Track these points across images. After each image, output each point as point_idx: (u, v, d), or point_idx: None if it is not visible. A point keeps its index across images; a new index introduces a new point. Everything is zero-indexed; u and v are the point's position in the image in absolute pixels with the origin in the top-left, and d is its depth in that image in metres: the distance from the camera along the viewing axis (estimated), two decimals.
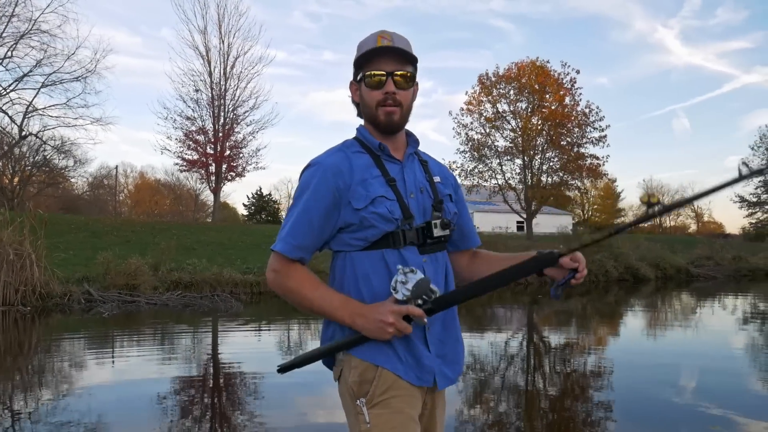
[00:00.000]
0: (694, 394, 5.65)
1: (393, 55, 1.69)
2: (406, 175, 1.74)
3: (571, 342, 9.09)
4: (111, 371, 6.80)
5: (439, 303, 1.60)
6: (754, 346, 8.82)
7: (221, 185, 33.17)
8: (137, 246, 18.01)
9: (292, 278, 1.65)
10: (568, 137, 33.91)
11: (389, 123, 1.71)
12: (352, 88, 1.80)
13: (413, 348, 1.64)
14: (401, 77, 1.70)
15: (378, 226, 1.63)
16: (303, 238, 1.64)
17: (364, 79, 1.71)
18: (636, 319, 12.42)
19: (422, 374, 1.65)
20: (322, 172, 1.65)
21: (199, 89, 31.95)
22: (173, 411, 5.06)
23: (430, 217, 1.71)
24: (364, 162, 1.70)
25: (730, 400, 5.31)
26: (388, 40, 1.70)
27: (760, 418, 4.74)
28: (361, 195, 1.64)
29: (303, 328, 10.49)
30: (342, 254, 1.71)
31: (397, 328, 1.55)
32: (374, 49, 1.67)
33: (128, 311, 11.83)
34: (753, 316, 12.76)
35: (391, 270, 1.63)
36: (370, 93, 1.71)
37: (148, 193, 59.01)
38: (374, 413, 1.60)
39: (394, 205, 1.65)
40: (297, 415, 4.95)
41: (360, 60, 1.71)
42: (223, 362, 7.45)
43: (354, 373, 1.64)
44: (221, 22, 32.28)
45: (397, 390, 1.61)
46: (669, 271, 23.36)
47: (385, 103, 1.69)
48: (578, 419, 4.88)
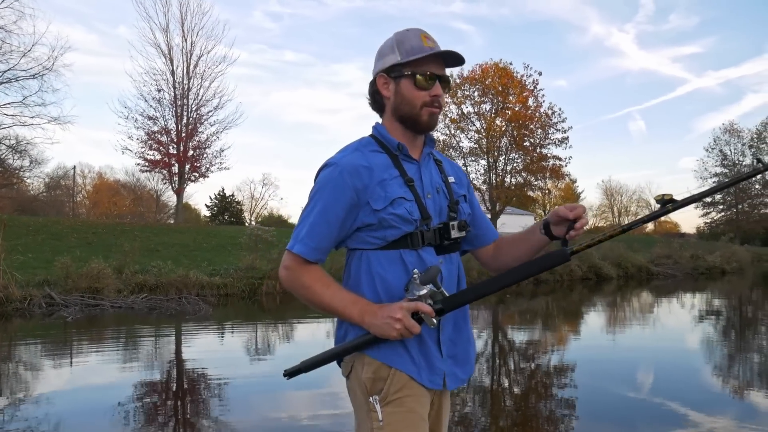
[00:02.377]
0: (652, 390, 5.83)
1: (438, 58, 1.72)
2: (423, 176, 1.74)
3: (535, 340, 9.27)
4: (70, 377, 6.65)
5: (449, 303, 1.60)
6: (710, 342, 9.12)
7: (184, 186, 32.67)
8: (99, 248, 17.61)
9: (305, 276, 1.65)
10: (531, 138, 34.42)
11: (431, 124, 1.73)
12: (381, 81, 1.76)
13: (426, 350, 1.66)
14: (446, 83, 1.75)
15: (398, 227, 1.64)
16: (321, 240, 1.65)
17: (413, 77, 1.69)
18: (598, 317, 12.72)
19: (433, 377, 1.66)
20: (339, 172, 1.63)
21: (162, 88, 31.47)
22: (135, 417, 4.96)
23: (446, 217, 1.72)
24: (382, 161, 1.69)
25: (686, 395, 5.50)
26: (432, 41, 1.72)
27: (713, 413, 4.92)
28: (380, 196, 1.63)
29: (271, 330, 10.43)
30: (359, 252, 1.70)
31: (405, 325, 1.53)
32: (438, 53, 1.69)
33: (92, 315, 11.57)
34: (708, 313, 13.18)
35: (408, 270, 1.63)
36: (416, 92, 1.70)
37: (107, 194, 57.62)
38: (388, 411, 1.60)
39: (413, 206, 1.65)
40: (261, 419, 4.89)
41: (410, 58, 1.69)
42: (189, 366, 7.36)
43: (368, 370, 1.64)
44: (184, 20, 31.84)
45: (410, 389, 1.63)
46: (630, 269, 23.95)
47: (432, 104, 1.70)
48: (542, 416, 5.00)
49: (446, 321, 1.70)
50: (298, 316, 12.24)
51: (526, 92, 34.21)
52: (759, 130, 59.86)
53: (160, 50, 31.55)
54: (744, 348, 8.60)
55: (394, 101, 1.73)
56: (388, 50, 1.73)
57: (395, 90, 1.73)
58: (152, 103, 31.31)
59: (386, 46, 1.75)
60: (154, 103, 31.33)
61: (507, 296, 16.21)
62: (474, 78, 34.64)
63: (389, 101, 1.75)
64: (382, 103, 1.78)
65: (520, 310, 13.93)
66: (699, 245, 32.73)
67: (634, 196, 71.99)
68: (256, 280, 15.59)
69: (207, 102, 32.40)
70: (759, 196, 61.19)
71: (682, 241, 33.91)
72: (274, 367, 7.21)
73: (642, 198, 71.39)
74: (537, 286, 19.64)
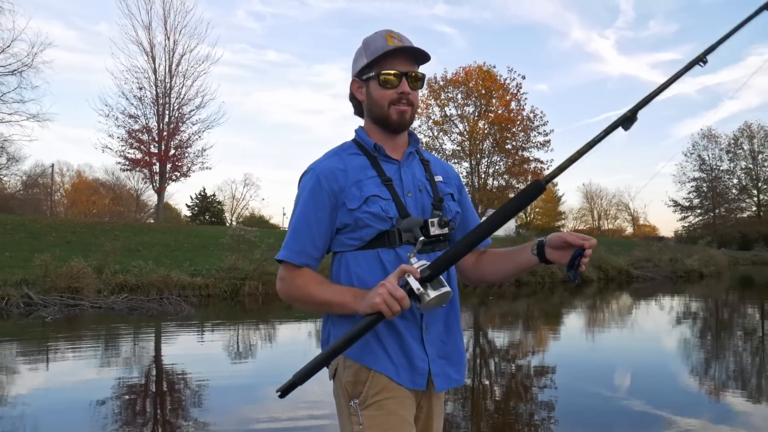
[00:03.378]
0: (630, 392, 5.92)
1: (406, 56, 1.71)
2: (404, 174, 1.73)
3: (516, 342, 9.34)
4: (47, 377, 6.59)
5: (436, 265, 1.52)
6: (687, 344, 9.28)
7: (165, 185, 32.37)
8: (78, 247, 17.41)
9: (298, 279, 1.66)
10: (513, 141, 34.68)
11: (401, 122, 1.72)
12: (355, 85, 1.78)
13: (407, 348, 1.62)
14: (414, 78, 1.72)
15: (373, 225, 1.63)
16: (304, 244, 1.65)
17: (378, 77, 1.69)
18: (579, 319, 12.86)
19: (415, 377, 1.63)
20: (317, 177, 1.66)
21: (143, 86, 31.11)
22: (112, 418, 4.90)
23: (430, 215, 1.70)
24: (359, 163, 1.70)
25: (663, 397, 5.59)
26: (398, 39, 1.70)
27: (690, 414, 5.02)
28: (355, 195, 1.64)
29: (253, 331, 10.40)
30: (339, 255, 1.71)
31: (388, 290, 1.45)
32: (394, 49, 1.67)
33: (72, 315, 11.45)
34: (687, 316, 13.39)
35: (386, 269, 1.62)
36: (382, 92, 1.70)
37: (86, 192, 56.87)
38: (367, 414, 1.58)
39: (389, 204, 1.64)
40: (240, 420, 4.84)
41: (372, 58, 1.69)
42: (168, 367, 7.32)
43: (348, 373, 1.63)
44: (167, 18, 31.52)
45: (390, 391, 1.60)
46: (611, 272, 24.23)
47: (399, 102, 1.70)
48: (522, 419, 5.04)
49: (436, 320, 1.68)
50: (281, 317, 12.23)
51: (509, 95, 34.46)
52: (736, 135, 60.91)
53: (142, 48, 31.26)
54: (720, 350, 8.76)
55: (367, 103, 1.76)
56: (358, 55, 1.76)
57: (366, 92, 1.75)
58: (134, 101, 30.98)
59: (357, 52, 1.77)
60: (135, 101, 31.00)
61: (489, 298, 16.32)
62: (457, 80, 34.82)
63: (364, 104, 1.77)
64: (359, 106, 1.81)
65: (502, 312, 14.03)
66: (677, 249, 33.19)
67: (613, 200, 72.78)
68: (238, 280, 15.51)
69: (189, 101, 32.14)
70: (735, 201, 62.23)
71: (661, 245, 34.35)
72: (255, 368, 7.20)
73: (622, 202, 72.23)
74: (519, 288, 19.80)
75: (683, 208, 63.66)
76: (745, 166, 61.02)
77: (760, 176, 60.28)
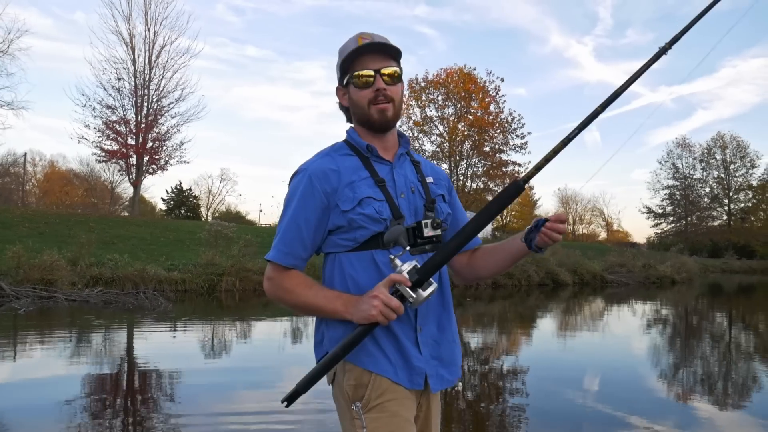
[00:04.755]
0: (600, 395, 6.04)
1: (377, 53, 1.70)
2: (396, 176, 1.73)
3: (489, 344, 9.45)
4: (13, 370, 6.50)
5: (425, 270, 1.56)
6: (657, 349, 9.49)
7: (142, 178, 32.01)
8: (52, 239, 17.18)
9: (286, 281, 1.66)
10: (492, 143, 35.00)
11: (383, 119, 1.71)
12: (339, 93, 1.79)
13: (403, 349, 1.64)
14: (389, 74, 1.70)
15: (367, 227, 1.63)
16: (293, 245, 1.66)
17: (352, 80, 1.70)
18: (553, 322, 13.05)
19: (413, 376, 1.64)
20: (309, 178, 1.65)
21: (122, 77, 30.81)
22: (81, 413, 4.82)
23: (422, 217, 1.71)
24: (352, 164, 1.69)
25: (632, 401, 5.71)
26: (369, 39, 1.69)
27: (657, 418, 5.11)
28: (348, 197, 1.64)
29: (229, 327, 10.37)
30: (331, 256, 1.71)
31: (383, 300, 1.50)
32: (357, 48, 1.67)
33: (46, 307, 11.30)
34: (656, 321, 13.68)
35: (381, 270, 1.63)
36: (359, 93, 1.70)
37: (59, 183, 55.92)
38: (370, 417, 1.60)
39: (382, 206, 1.65)
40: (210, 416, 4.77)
41: (345, 63, 1.70)
42: (140, 362, 7.26)
43: (349, 377, 1.64)
44: (147, 9, 31.25)
45: (392, 393, 1.62)
46: (586, 277, 24.62)
47: (377, 100, 1.69)
48: (492, 421, 5.09)
49: (429, 321, 1.70)
50: (257, 313, 12.21)
51: (488, 98, 34.78)
52: (709, 145, 62.18)
53: (121, 38, 30.96)
54: (689, 356, 8.97)
55: (351, 108, 1.76)
56: (337, 63, 1.76)
57: (349, 97, 1.75)
58: (112, 91, 30.68)
59: (337, 60, 1.76)
60: (113, 91, 30.70)
61: (466, 299, 16.46)
62: (438, 82, 35.02)
63: (350, 109, 1.77)
64: (349, 113, 1.80)
65: (477, 313, 14.16)
66: (650, 255, 33.77)
67: (588, 205, 73.78)
68: (215, 276, 15.45)
69: (169, 93, 31.91)
70: (707, 209, 63.52)
71: (634, 251, 34.91)
72: (230, 363, 7.17)
73: (596, 207, 73.25)
74: (495, 290, 19.99)
75: (656, 215, 64.82)
76: (717, 176, 62.39)
77: (732, 186, 61.63)
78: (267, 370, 6.78)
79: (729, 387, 6.72)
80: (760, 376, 7.26)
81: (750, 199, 61.82)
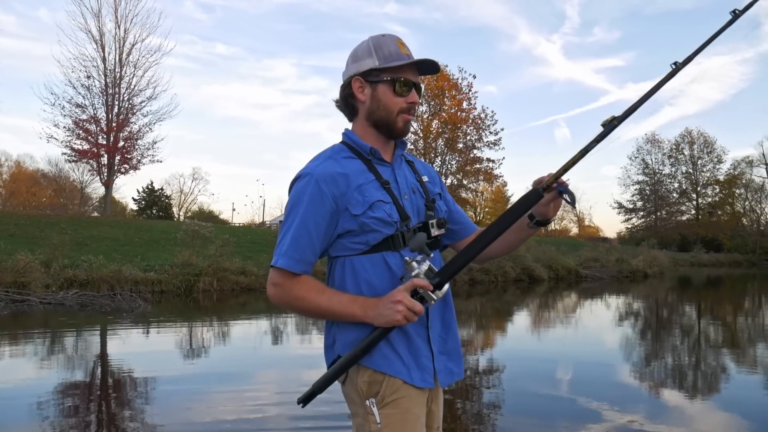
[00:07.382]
0: (573, 389, 6.15)
1: (414, 68, 1.74)
2: (399, 177, 1.75)
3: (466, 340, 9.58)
4: None
5: (445, 273, 1.60)
6: (629, 342, 9.75)
7: (114, 178, 31.56)
8: (23, 240, 16.89)
9: (296, 288, 1.65)
10: (465, 140, 35.30)
11: (405, 130, 1.75)
12: (356, 84, 1.74)
13: (416, 350, 1.67)
14: (420, 91, 1.77)
15: (379, 230, 1.64)
16: (304, 252, 1.64)
17: (394, 84, 1.70)
18: (529, 317, 13.28)
19: (425, 376, 1.67)
20: (316, 182, 1.62)
21: (92, 75, 30.26)
22: (53, 418, 4.76)
23: (424, 217, 1.74)
24: (357, 167, 1.69)
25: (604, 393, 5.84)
26: (408, 48, 1.73)
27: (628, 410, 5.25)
28: (359, 201, 1.63)
29: (207, 328, 10.36)
30: (341, 259, 1.70)
31: (406, 305, 1.53)
32: (415, 62, 1.70)
33: (19, 311, 11.15)
34: (628, 315, 14.02)
35: (393, 272, 1.65)
36: (394, 98, 1.71)
37: (26, 183, 54.83)
38: (385, 413, 1.62)
39: (392, 208, 1.66)
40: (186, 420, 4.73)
41: (388, 64, 1.69)
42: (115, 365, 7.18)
43: (363, 374, 1.65)
44: (117, 6, 30.74)
45: (405, 391, 1.64)
46: (561, 272, 25.00)
47: (408, 111, 1.73)
48: (468, 415, 5.19)
49: (435, 318, 1.73)
50: (235, 313, 12.20)
51: (461, 95, 35.05)
52: (678, 141, 63.45)
53: (90, 35, 30.37)
54: (659, 348, 9.23)
55: (369, 106, 1.72)
56: (365, 54, 1.71)
57: (371, 95, 1.71)
58: (81, 90, 30.08)
59: (362, 50, 1.73)
60: (83, 90, 30.10)
61: None
62: None
63: (363, 105, 1.74)
64: (355, 106, 1.76)
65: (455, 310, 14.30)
66: (623, 250, 34.40)
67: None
68: (192, 276, 15.36)
69: (140, 92, 31.45)
70: (676, 204, 64.82)
71: (608, 246, 35.49)
72: (207, 366, 7.13)
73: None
74: (472, 287, 20.20)
75: (627, 210, 65.95)
76: (685, 171, 63.69)
77: (699, 181, 63.00)
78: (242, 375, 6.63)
79: (699, 377, 6.97)
80: (728, 366, 7.53)
81: (717, 193, 63.30)
